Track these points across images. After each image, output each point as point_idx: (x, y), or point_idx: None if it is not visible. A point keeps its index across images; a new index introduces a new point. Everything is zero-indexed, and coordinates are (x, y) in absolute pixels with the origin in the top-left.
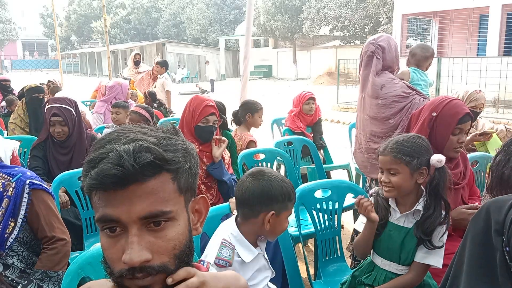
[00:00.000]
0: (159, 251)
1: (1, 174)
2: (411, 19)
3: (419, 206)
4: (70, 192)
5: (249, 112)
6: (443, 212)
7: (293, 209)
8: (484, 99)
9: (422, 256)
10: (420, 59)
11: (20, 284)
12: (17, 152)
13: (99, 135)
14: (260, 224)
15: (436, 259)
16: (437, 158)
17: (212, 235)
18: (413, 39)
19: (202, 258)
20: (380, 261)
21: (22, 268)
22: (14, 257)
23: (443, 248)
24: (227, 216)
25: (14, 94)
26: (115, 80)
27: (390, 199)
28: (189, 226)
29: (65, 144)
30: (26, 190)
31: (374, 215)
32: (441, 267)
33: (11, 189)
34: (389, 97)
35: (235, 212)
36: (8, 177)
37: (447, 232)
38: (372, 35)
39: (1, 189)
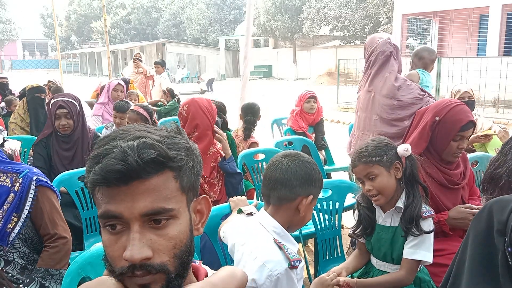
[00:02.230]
0: (159, 250)
1: (9, 169)
2: (411, 19)
3: (400, 203)
4: (70, 192)
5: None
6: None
7: None
8: (471, 91)
9: (409, 252)
10: (428, 62)
11: (22, 281)
12: (18, 152)
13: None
14: (293, 210)
15: (424, 254)
16: (403, 148)
17: (211, 235)
18: (413, 39)
19: (258, 268)
20: (375, 262)
21: (23, 265)
22: (14, 253)
23: (431, 242)
24: (227, 216)
25: (13, 94)
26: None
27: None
28: (190, 226)
29: (68, 139)
30: (33, 186)
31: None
32: (431, 262)
33: (18, 184)
34: (406, 99)
35: (247, 209)
36: (16, 173)
37: (431, 219)
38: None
39: (9, 185)
